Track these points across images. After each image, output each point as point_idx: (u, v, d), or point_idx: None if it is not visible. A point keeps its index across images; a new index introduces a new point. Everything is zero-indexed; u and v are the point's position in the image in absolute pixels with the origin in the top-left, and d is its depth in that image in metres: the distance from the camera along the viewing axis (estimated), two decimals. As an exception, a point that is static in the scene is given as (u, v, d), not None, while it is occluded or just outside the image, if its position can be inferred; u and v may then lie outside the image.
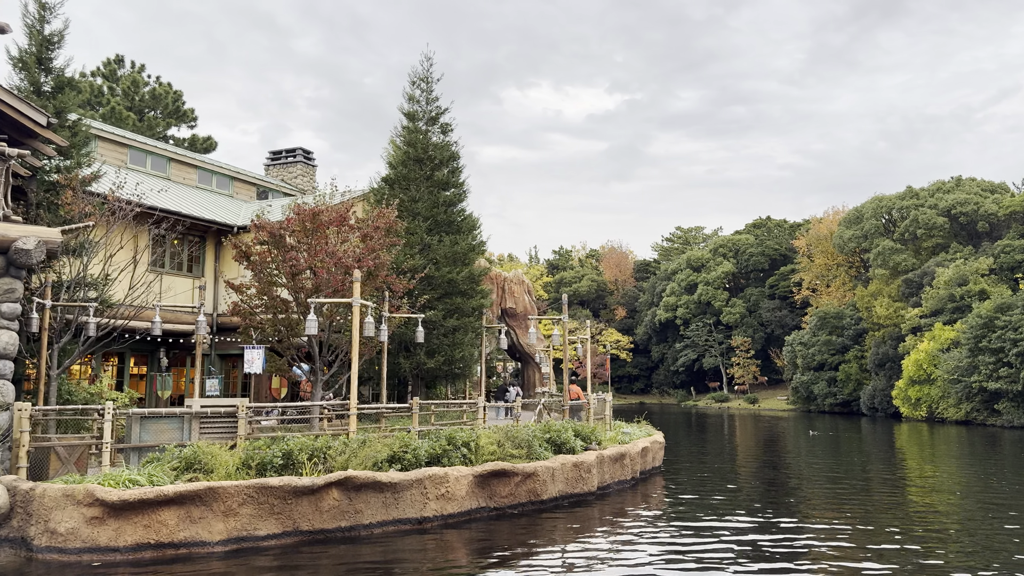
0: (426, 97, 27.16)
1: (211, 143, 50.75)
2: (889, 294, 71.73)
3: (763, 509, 17.33)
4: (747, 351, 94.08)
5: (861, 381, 72.42)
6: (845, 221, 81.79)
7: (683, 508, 17.63)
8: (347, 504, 13.35)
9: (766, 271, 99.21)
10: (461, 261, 25.61)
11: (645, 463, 22.04)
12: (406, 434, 15.50)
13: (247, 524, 12.53)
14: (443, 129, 27.27)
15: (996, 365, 51.05)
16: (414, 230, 25.06)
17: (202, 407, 15.44)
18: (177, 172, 36.13)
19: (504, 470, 15.43)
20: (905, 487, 21.69)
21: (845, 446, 36.67)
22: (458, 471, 14.85)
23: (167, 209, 23.83)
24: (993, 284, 60.95)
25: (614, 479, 19.47)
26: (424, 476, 14.24)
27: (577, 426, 19.71)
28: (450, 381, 26.67)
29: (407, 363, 24.36)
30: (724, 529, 14.88)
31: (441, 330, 24.81)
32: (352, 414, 16.54)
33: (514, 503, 15.82)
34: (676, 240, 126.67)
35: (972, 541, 14.15)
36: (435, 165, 26.48)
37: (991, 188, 74.91)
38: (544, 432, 18.23)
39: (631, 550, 13.14)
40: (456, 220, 26.21)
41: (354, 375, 16.73)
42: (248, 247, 20.56)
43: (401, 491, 13.94)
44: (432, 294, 25.02)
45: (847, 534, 14.60)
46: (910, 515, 16.99)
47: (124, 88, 47.31)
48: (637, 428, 24.69)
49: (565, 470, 17.10)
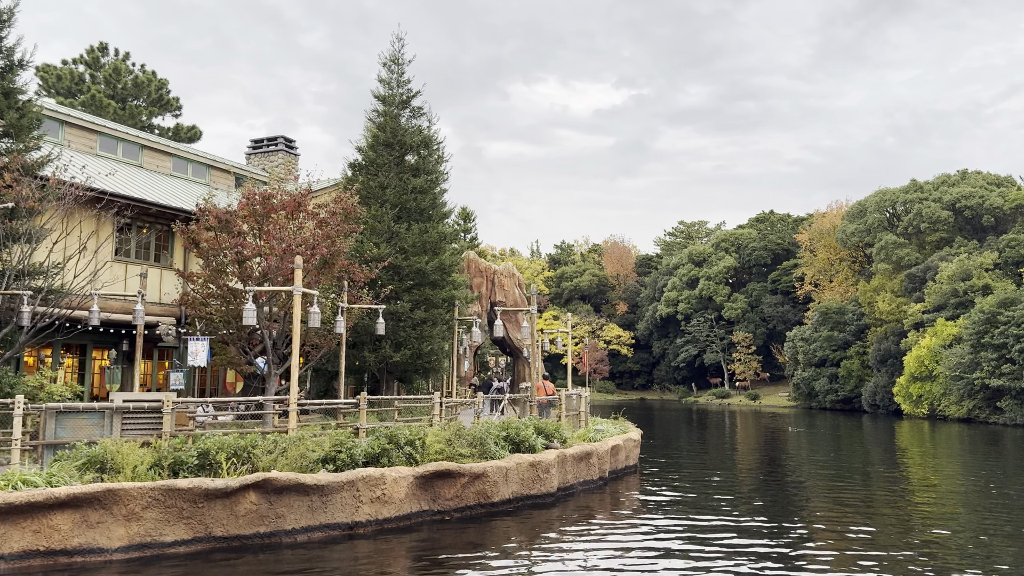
0: (397, 79, 26.04)
1: (195, 132, 49.74)
2: (892, 289, 70.30)
3: (737, 511, 16.20)
4: (748, 347, 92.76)
5: (863, 378, 71.05)
6: (848, 215, 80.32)
7: (648, 510, 16.52)
8: (267, 508, 12.28)
9: (768, 266, 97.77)
10: (431, 250, 24.50)
11: (616, 462, 20.91)
12: (343, 432, 14.43)
13: (152, 530, 11.47)
14: (414, 112, 26.15)
15: (999, 362, 49.68)
16: (381, 217, 23.96)
17: (124, 401, 14.39)
18: (150, 160, 35.10)
19: (449, 471, 14.34)
20: (899, 489, 20.52)
21: (842, 444, 35.48)
22: (397, 472, 13.76)
23: (117, 193, 22.78)
24: (997, 279, 59.52)
25: (579, 479, 18.36)
26: (357, 478, 13.16)
27: (541, 423, 18.60)
28: (423, 376, 25.58)
29: (372, 357, 23.28)
30: (686, 533, 13.76)
31: (408, 322, 23.72)
32: (292, 410, 15.48)
33: (461, 506, 14.73)
34: (679, 235, 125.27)
35: (961, 553, 13.01)
36: (405, 150, 25.37)
37: (997, 181, 73.33)
38: (502, 429, 17.13)
39: (577, 558, 12.05)
40: (427, 208, 25.08)
41: (294, 368, 15.66)
42: (197, 234, 19.52)
43: (330, 494, 12.87)
44: (399, 285, 23.94)
45: (827, 542, 13.46)
46: (899, 521, 15.83)
47: (106, 76, 46.30)
48: (612, 425, 23.57)
49: (520, 470, 16.00)
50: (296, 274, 15.90)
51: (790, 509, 17.02)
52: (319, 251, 19.14)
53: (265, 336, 19.25)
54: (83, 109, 43.27)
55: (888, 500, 18.42)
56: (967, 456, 30.62)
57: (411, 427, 15.23)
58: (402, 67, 26.11)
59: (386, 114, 25.66)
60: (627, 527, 14.65)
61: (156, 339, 27.96)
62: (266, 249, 18.39)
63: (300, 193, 20.02)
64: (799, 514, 16.36)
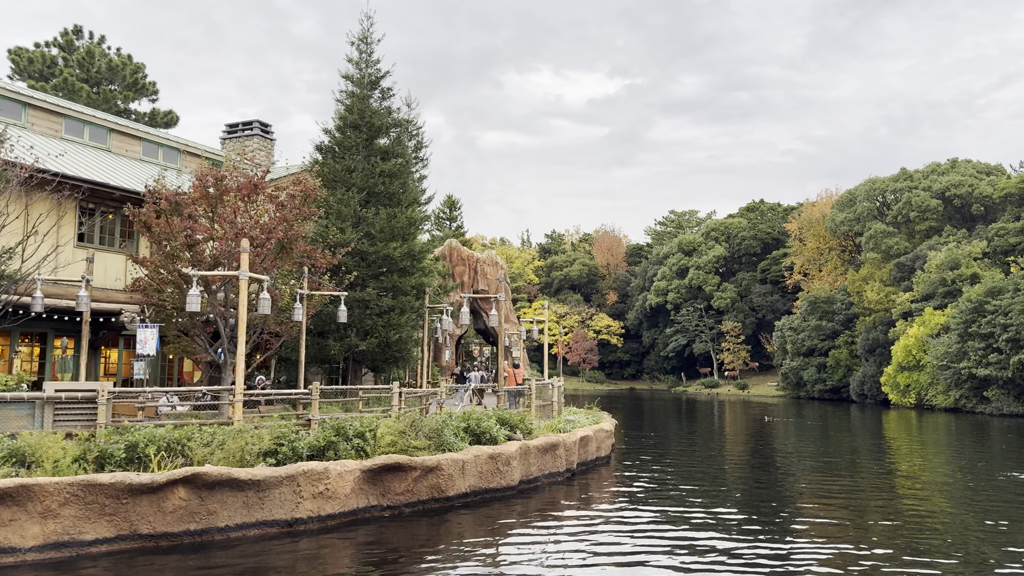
0: (365, 59, 25.20)
1: (172, 118, 48.74)
2: (881, 278, 69.82)
3: (710, 504, 15.56)
4: (737, 336, 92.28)
5: (851, 367, 70.61)
6: (838, 204, 79.75)
7: (613, 503, 15.87)
8: (197, 504, 11.58)
9: (758, 255, 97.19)
10: (400, 236, 23.73)
11: (586, 453, 20.26)
12: (286, 424, 13.71)
13: (71, 527, 10.76)
14: (384, 94, 25.32)
15: (986, 351, 49.23)
16: (347, 201, 23.17)
17: (56, 391, 13.65)
18: (119, 144, 34.20)
19: (399, 464, 13.64)
20: (879, 482, 19.92)
21: (825, 434, 34.93)
22: (342, 466, 13.06)
23: (68, 175, 21.93)
24: (986, 268, 59.04)
25: (543, 472, 17.69)
26: (297, 472, 12.46)
27: (505, 414, 17.93)
28: (395, 365, 24.84)
29: (337, 345, 22.55)
30: (650, 526, 13.11)
31: (375, 310, 22.97)
32: (236, 401, 14.76)
33: (412, 501, 14.05)
34: (669, 224, 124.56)
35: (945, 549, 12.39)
36: (374, 132, 24.55)
37: (987, 170, 72.82)
38: (463, 420, 16.45)
39: (531, 554, 11.39)
40: (397, 192, 24.29)
41: (240, 356, 14.92)
42: (149, 217, 18.73)
43: (267, 490, 12.16)
44: (365, 271, 23.18)
45: (803, 537, 12.82)
46: (873, 516, 15.21)
47: (79, 59, 45.22)
48: (585, 415, 22.90)
49: (479, 463, 15.33)
50: (242, 258, 15.14)
51: (765, 500, 16.39)
52: (275, 235, 18.37)
53: (219, 324, 18.49)
54: (54, 93, 42.26)
55: (871, 492, 17.82)
56: (952, 448, 30.09)
57: (363, 419, 14.53)
58: (371, 47, 25.28)
59: (354, 95, 24.84)
60: (588, 521, 14.00)
61: (120, 327, 27.20)
62: (218, 233, 17.63)
63: (257, 175, 19.22)
64: (773, 506, 15.73)
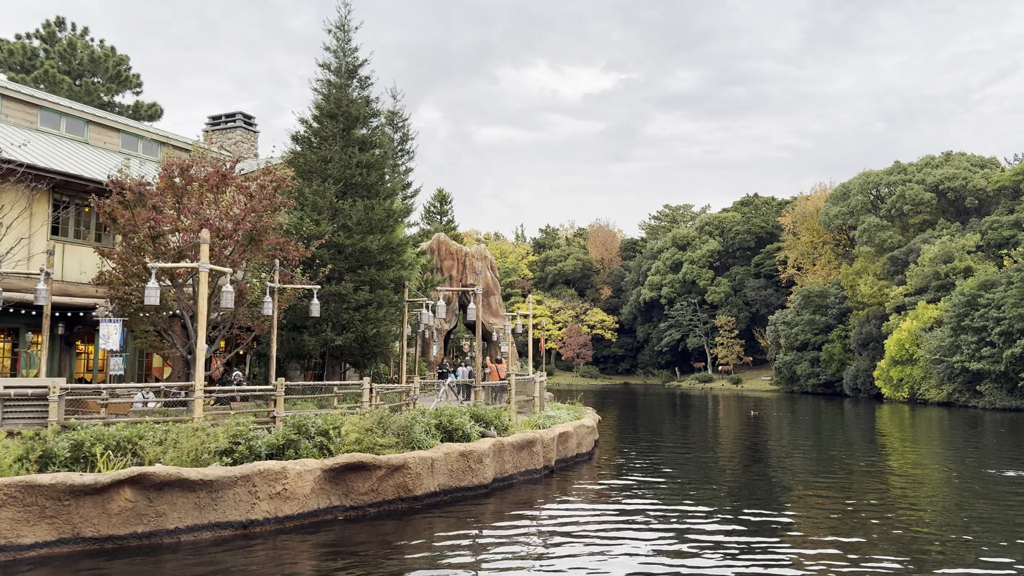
0: (342, 47, 24.62)
1: (156, 110, 48.07)
2: (874, 272, 69.43)
3: (691, 501, 15.08)
4: (731, 331, 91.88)
5: (844, 361, 70.24)
6: (832, 197, 79.29)
7: (589, 501, 15.38)
8: (145, 506, 11.06)
9: (752, 249, 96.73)
10: (377, 228, 23.18)
11: (566, 450, 19.78)
12: (244, 422, 13.19)
13: (8, 530, 10.24)
14: (362, 83, 24.75)
15: (979, 345, 48.82)
16: (323, 193, 22.63)
17: (6, 387, 13.13)
18: (97, 136, 33.61)
19: (362, 462, 13.13)
20: (867, 477, 19.45)
21: (816, 429, 34.50)
22: (301, 465, 12.55)
23: (35, 166, 21.38)
24: (979, 261, 58.64)
25: (519, 469, 17.20)
26: (253, 472, 11.94)
27: (480, 410, 17.43)
28: (372, 360, 24.33)
29: (313, 340, 22.02)
30: (620, 525, 12.62)
31: (352, 304, 22.44)
32: (197, 398, 14.24)
33: (378, 501, 13.54)
34: (663, 218, 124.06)
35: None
36: (351, 121, 23.98)
37: (981, 163, 72.40)
38: (435, 417, 15.95)
39: (497, 556, 10.90)
40: (375, 183, 23.73)
41: (199, 351, 14.40)
42: (114, 209, 18.16)
43: (220, 490, 11.65)
44: (342, 264, 22.65)
45: (787, 536, 12.34)
46: (856, 512, 14.74)
47: (60, 51, 44.51)
48: (566, 411, 22.41)
49: (449, 461, 14.82)
50: (202, 249, 14.61)
51: (745, 497, 15.91)
52: (243, 226, 17.83)
53: (186, 318, 17.96)
54: (35, 85, 41.62)
55: (856, 492, 17.35)
56: (945, 443, 29.67)
57: (327, 416, 14.03)
58: (349, 34, 24.71)
59: (331, 84, 24.27)
60: (562, 520, 13.51)
61: (96, 322, 26.64)
62: (182, 224, 17.09)
63: (226, 165, 18.66)
64: (754, 503, 15.25)
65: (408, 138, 40.04)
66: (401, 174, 40.04)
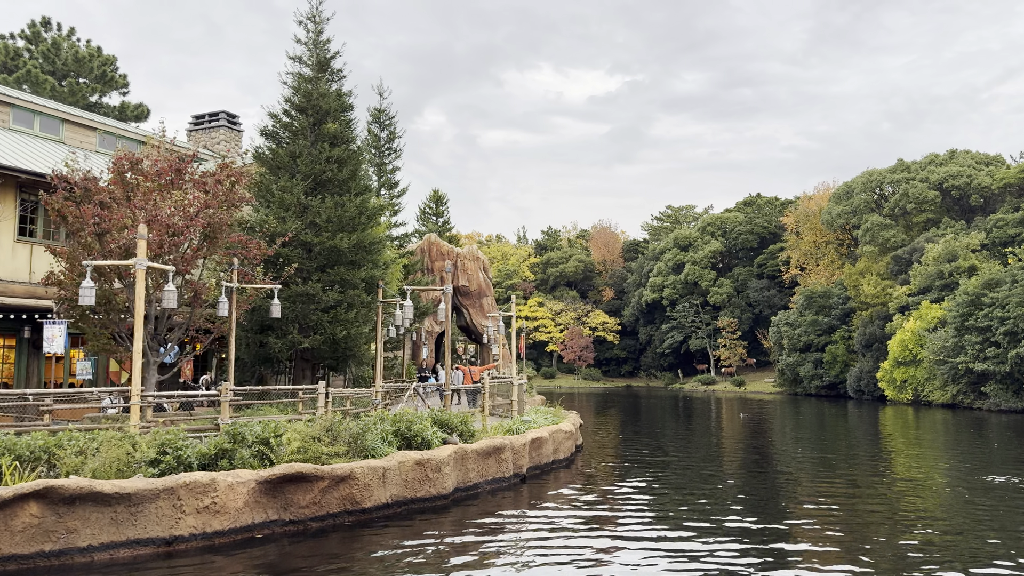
0: (313, 39, 23.74)
1: (143, 111, 47.35)
2: (877, 272, 68.24)
3: (670, 513, 14.13)
4: (734, 332, 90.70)
5: (848, 363, 69.03)
6: (835, 197, 78.13)
7: (559, 511, 14.44)
8: (54, 521, 10.17)
9: (755, 250, 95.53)
10: (349, 226, 22.28)
11: (540, 456, 18.83)
12: (172, 430, 12.30)
13: None
14: (334, 76, 23.87)
15: (983, 345, 47.64)
16: (290, 189, 21.74)
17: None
18: (73, 135, 32.83)
19: (302, 473, 12.21)
20: (866, 486, 18.44)
21: (812, 434, 33.46)
22: (234, 476, 11.64)
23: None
24: (984, 260, 57.41)
25: (485, 478, 16.26)
26: (177, 484, 11.04)
27: (443, 415, 16.51)
28: (344, 363, 23.40)
29: (279, 343, 21.12)
30: (589, 536, 11.66)
31: (320, 305, 21.54)
32: (133, 404, 13.36)
33: (321, 514, 12.62)
34: (666, 219, 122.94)
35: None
36: (321, 115, 23.10)
37: (986, 160, 71.14)
38: (394, 424, 15.03)
39: (447, 572, 9.99)
40: (346, 179, 22.82)
41: (136, 354, 13.53)
42: (62, 205, 17.31)
43: (140, 504, 10.75)
44: (310, 263, 21.76)
45: (769, 557, 11.37)
46: (860, 540, 13.75)
47: (43, 51, 43.83)
48: (543, 415, 21.43)
49: (404, 470, 13.90)
50: (139, 245, 13.76)
51: (735, 511, 14.93)
52: (197, 223, 16.97)
53: (138, 319, 17.07)
54: (15, 85, 40.91)
55: (864, 508, 16.35)
56: (949, 449, 28.60)
57: (268, 423, 13.12)
58: (320, 25, 23.82)
59: (301, 76, 23.40)
60: (527, 532, 12.57)
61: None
62: (129, 220, 16.22)
63: (179, 155, 17.81)
64: (736, 514, 14.27)
65: (395, 136, 39.17)
66: (388, 172, 39.19)
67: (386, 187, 39.00)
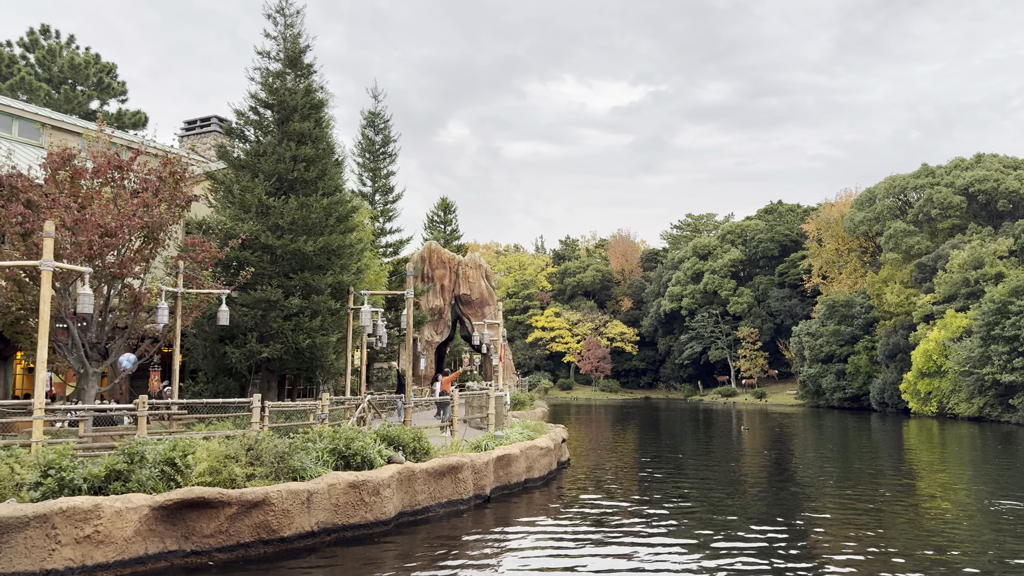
0: (282, 33, 22.56)
1: (140, 118, 46.66)
2: (901, 280, 65.86)
3: (649, 542, 12.57)
4: (754, 343, 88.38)
5: (871, 374, 66.59)
6: (857, 203, 75.80)
7: (520, 539, 12.93)
8: None
9: (776, 258, 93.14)
10: (315, 229, 20.99)
11: (508, 475, 17.31)
12: (59, 449, 10.98)
13: None
14: (303, 71, 22.66)
15: (1010, 355, 45.31)
16: (251, 188, 20.51)
17: None
18: (55, 140, 31.94)
19: (204, 498, 10.83)
20: (889, 522, 16.72)
21: (842, 451, 31.57)
22: (123, 502, 10.29)
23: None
24: (1012, 266, 54.96)
25: (438, 500, 14.79)
26: (51, 511, 9.70)
27: (392, 431, 15.07)
28: (309, 374, 22.08)
29: (237, 353, 19.83)
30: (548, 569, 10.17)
31: (282, 312, 20.24)
32: (36, 418, 12.08)
33: (230, 544, 11.22)
34: (686, 228, 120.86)
35: None
36: (287, 112, 21.88)
37: (1014, 164, 68.52)
38: (332, 441, 13.62)
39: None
40: (314, 179, 21.54)
41: (40, 363, 12.26)
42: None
43: (6, 534, 9.43)
44: (271, 267, 20.48)
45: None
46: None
47: (39, 58, 43.30)
48: (518, 430, 19.85)
49: (334, 493, 12.47)
50: (45, 244, 12.52)
51: (707, 545, 13.33)
52: (133, 223, 15.76)
53: (72, 327, 15.90)
54: (9, 93, 40.30)
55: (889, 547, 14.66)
56: (977, 466, 26.63)
57: (177, 440, 11.76)
58: (290, 19, 22.65)
59: (268, 72, 22.21)
60: (469, 565, 11.09)
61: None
62: (56, 220, 15.04)
63: (118, 150, 16.64)
64: (715, 552, 12.66)
65: (390, 140, 37.98)
66: (383, 177, 37.99)
67: (380, 192, 37.81)
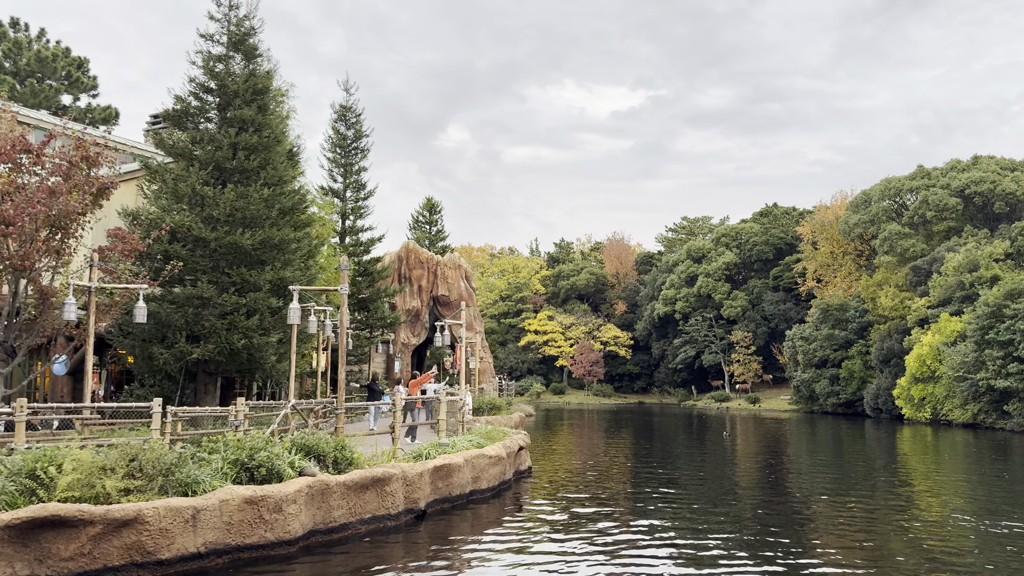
0: (226, 14, 21.23)
1: (110, 113, 45.43)
2: (896, 283, 64.50)
3: (586, 556, 11.22)
4: (748, 347, 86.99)
5: (865, 379, 65.21)
6: (852, 205, 74.53)
7: (452, 559, 11.57)
8: None
9: (770, 261, 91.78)
10: (254, 223, 19.65)
11: (449, 487, 15.93)
12: None
13: None
14: (248, 55, 21.34)
15: (1005, 360, 43.92)
16: (184, 177, 19.18)
17: None
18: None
19: (60, 516, 9.47)
20: (881, 532, 15.34)
21: (836, 458, 30.19)
22: (-42, 521, 8.94)
23: None
24: (1008, 270, 53.59)
25: (361, 516, 13.41)
26: None
27: (311, 439, 13.71)
28: (247, 376, 20.74)
29: (166, 354, 18.47)
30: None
31: (215, 310, 18.88)
32: None
33: (95, 568, 9.86)
34: (680, 231, 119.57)
35: None
36: (228, 97, 20.56)
37: (1011, 166, 67.23)
38: (235, 451, 12.26)
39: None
40: (255, 169, 20.18)
41: None
42: None
43: None
44: (205, 262, 19.14)
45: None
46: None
47: (5, 50, 42.06)
48: (467, 438, 18.46)
49: (227, 510, 11.10)
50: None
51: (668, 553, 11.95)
52: (36, 211, 14.44)
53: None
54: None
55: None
56: (971, 475, 25.25)
57: (45, 449, 10.41)
58: (235, 0, 21.33)
59: (209, 55, 20.90)
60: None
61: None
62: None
63: (18, 132, 15.32)
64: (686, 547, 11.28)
65: (363, 135, 36.68)
66: (355, 173, 36.70)
67: (351, 188, 36.51)
